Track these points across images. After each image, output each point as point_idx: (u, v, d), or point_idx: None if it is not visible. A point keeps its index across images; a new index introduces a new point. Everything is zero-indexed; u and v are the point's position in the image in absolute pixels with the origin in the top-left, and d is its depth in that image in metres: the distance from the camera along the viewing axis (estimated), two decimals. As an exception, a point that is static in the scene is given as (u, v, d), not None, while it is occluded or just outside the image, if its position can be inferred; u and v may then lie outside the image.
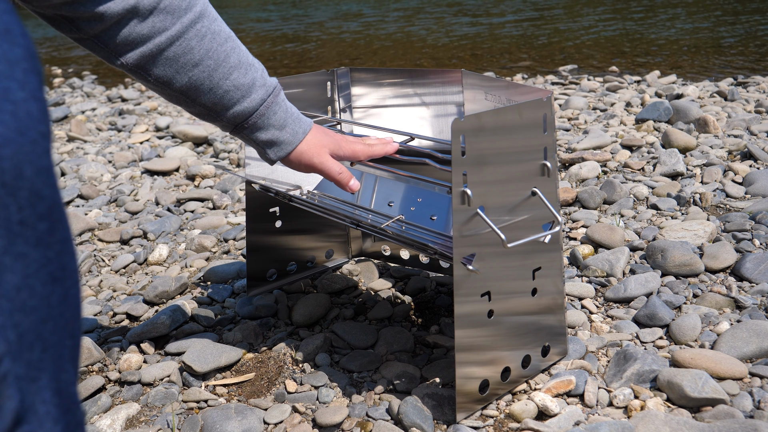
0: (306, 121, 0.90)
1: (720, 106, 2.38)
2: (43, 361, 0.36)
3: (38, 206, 0.35)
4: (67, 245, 0.38)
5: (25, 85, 0.35)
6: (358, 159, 0.94)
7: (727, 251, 1.20)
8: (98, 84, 4.18)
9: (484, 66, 3.89)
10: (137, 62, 0.79)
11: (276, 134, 0.87)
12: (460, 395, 0.83)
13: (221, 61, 0.81)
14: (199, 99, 0.83)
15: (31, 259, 0.35)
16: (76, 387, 0.40)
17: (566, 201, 1.54)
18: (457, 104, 1.08)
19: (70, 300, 0.38)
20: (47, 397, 0.37)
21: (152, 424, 0.91)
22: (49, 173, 0.36)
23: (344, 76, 1.16)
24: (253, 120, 0.85)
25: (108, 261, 1.45)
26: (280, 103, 0.87)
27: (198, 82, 0.81)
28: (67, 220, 0.38)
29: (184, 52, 0.79)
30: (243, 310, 1.15)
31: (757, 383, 0.88)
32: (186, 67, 0.80)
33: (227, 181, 1.87)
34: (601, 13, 5.77)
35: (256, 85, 0.84)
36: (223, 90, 0.82)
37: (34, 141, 0.35)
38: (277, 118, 0.86)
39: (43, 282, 0.36)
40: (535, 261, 0.87)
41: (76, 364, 0.40)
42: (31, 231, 0.35)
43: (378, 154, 0.95)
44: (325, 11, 7.38)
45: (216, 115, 0.85)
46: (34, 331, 0.36)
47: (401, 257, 1.25)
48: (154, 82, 0.81)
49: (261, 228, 1.15)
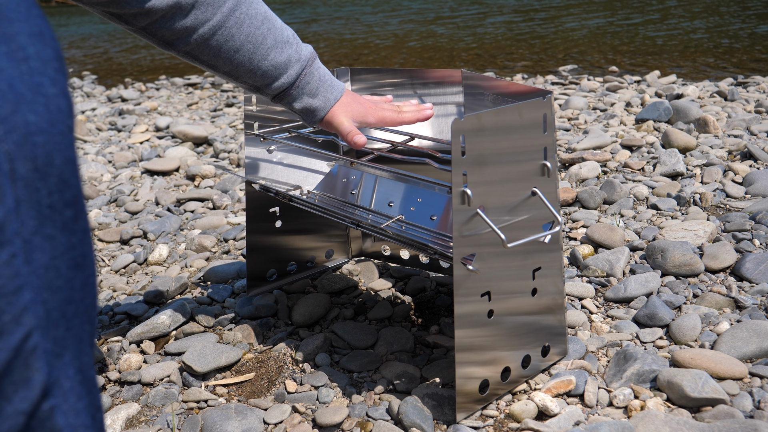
0: (338, 87, 0.95)
1: (720, 106, 2.38)
2: (66, 340, 0.38)
3: (65, 193, 0.38)
4: (87, 235, 0.41)
5: (56, 82, 0.38)
6: (387, 125, 0.98)
7: (727, 251, 1.20)
8: (98, 84, 4.18)
9: (484, 66, 3.88)
10: (185, 50, 0.86)
11: (309, 102, 0.93)
12: (460, 395, 0.83)
13: (259, 44, 0.88)
14: (241, 77, 0.91)
15: (58, 242, 0.38)
16: (95, 372, 0.42)
17: (566, 201, 1.54)
18: (457, 104, 1.08)
19: (89, 287, 0.41)
20: (71, 374, 0.39)
21: (152, 424, 0.91)
22: (74, 164, 0.39)
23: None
24: (290, 91, 0.93)
25: (108, 261, 1.46)
26: (314, 72, 0.93)
27: (240, 64, 0.89)
28: (87, 212, 0.41)
29: (225, 39, 0.86)
30: (243, 310, 1.15)
31: (757, 383, 0.88)
32: (229, 52, 0.87)
33: (227, 181, 1.87)
34: (601, 13, 5.77)
35: (291, 61, 0.91)
36: (262, 70, 0.90)
37: (63, 133, 0.38)
38: (310, 87, 0.93)
39: (67, 265, 0.39)
40: (535, 261, 0.87)
41: (93, 351, 0.42)
42: (59, 216, 0.38)
43: (409, 121, 0.98)
44: (325, 11, 7.38)
45: (257, 89, 0.93)
46: (59, 310, 0.38)
47: (401, 257, 1.25)
48: (202, 65, 0.89)
49: (261, 228, 1.15)
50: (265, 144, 1.13)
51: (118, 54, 5.90)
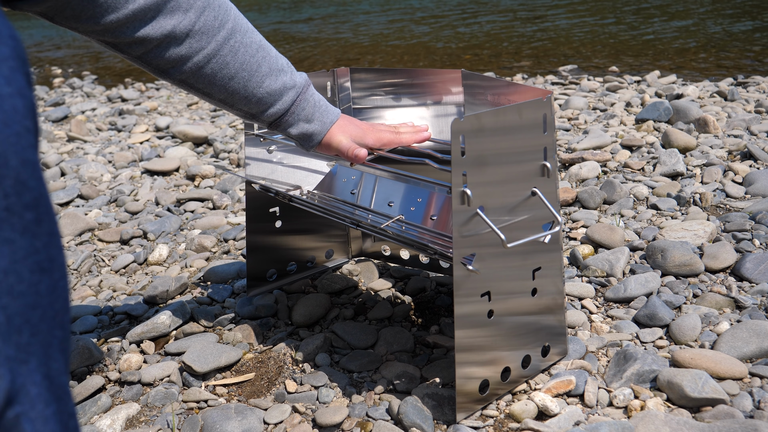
0: (333, 111, 0.96)
1: (720, 106, 2.38)
2: (32, 345, 0.37)
3: (24, 196, 0.37)
4: (54, 238, 0.39)
5: (11, 81, 0.37)
6: (386, 147, 0.98)
7: (727, 251, 1.20)
8: (98, 84, 4.18)
9: (484, 66, 3.89)
10: (180, 78, 0.87)
11: (305, 127, 0.94)
12: (460, 395, 0.83)
13: (254, 72, 0.89)
14: (236, 105, 0.91)
15: (18, 246, 0.37)
16: (67, 378, 0.41)
17: (566, 201, 1.54)
18: (457, 104, 1.08)
19: (59, 292, 0.40)
20: (38, 380, 0.37)
21: (152, 424, 0.91)
22: (35, 167, 0.38)
23: (344, 76, 1.16)
24: (285, 118, 0.93)
25: (108, 261, 1.46)
26: (308, 99, 0.94)
27: (234, 92, 0.89)
28: (55, 215, 0.40)
29: (220, 67, 0.86)
30: (243, 310, 1.15)
31: (757, 383, 0.88)
32: (223, 80, 0.88)
33: (227, 181, 1.87)
34: (601, 13, 5.78)
35: (286, 88, 0.91)
36: (257, 97, 0.90)
37: (19, 134, 0.36)
38: (306, 113, 0.93)
39: (30, 270, 0.37)
40: (535, 261, 0.87)
41: (66, 356, 0.41)
42: (18, 219, 0.36)
43: (407, 142, 0.98)
44: (325, 11, 7.39)
45: (252, 117, 0.93)
46: (22, 315, 0.37)
47: (401, 257, 1.25)
48: (197, 93, 0.90)
49: (261, 228, 1.15)
50: (265, 144, 1.13)
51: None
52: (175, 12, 0.81)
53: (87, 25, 0.79)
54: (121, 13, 0.78)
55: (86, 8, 0.77)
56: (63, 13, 0.78)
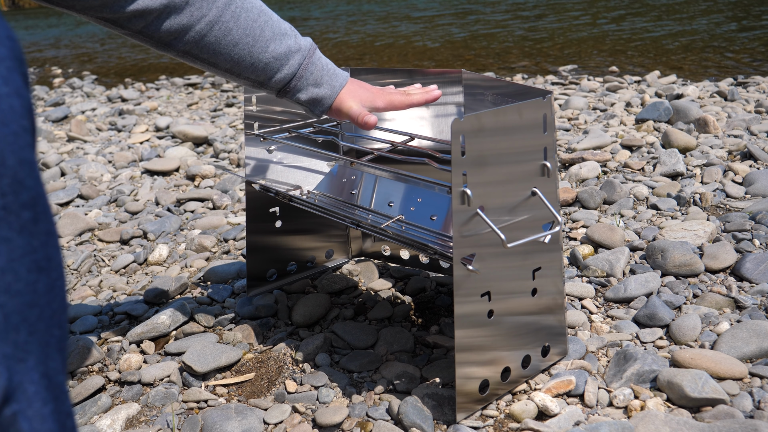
0: (342, 75, 0.95)
1: (720, 106, 2.38)
2: (29, 344, 0.37)
3: (21, 195, 0.37)
4: (51, 238, 0.39)
5: (8, 81, 0.37)
6: (396, 109, 0.97)
7: (727, 251, 1.20)
8: (98, 84, 4.18)
9: (484, 66, 3.88)
10: (183, 49, 0.85)
11: (314, 92, 0.93)
12: (460, 395, 0.83)
13: (258, 37, 0.88)
14: (243, 73, 0.90)
15: (15, 245, 0.37)
16: (65, 378, 0.41)
17: (566, 201, 1.54)
18: (457, 104, 1.08)
19: (56, 291, 0.40)
20: (36, 379, 0.38)
21: (152, 424, 0.91)
22: (32, 166, 0.38)
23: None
24: (294, 83, 0.92)
25: (108, 261, 1.46)
26: (316, 62, 0.92)
27: (240, 59, 0.88)
28: (52, 215, 0.40)
29: (223, 34, 0.85)
30: (243, 310, 1.15)
31: (757, 383, 0.88)
32: (227, 47, 0.87)
33: (227, 181, 1.87)
34: (600, 13, 5.77)
35: (291, 51, 0.90)
36: (263, 63, 0.89)
37: (16, 133, 0.37)
38: (314, 77, 0.92)
39: (28, 268, 0.37)
40: (535, 261, 0.87)
41: (63, 355, 0.41)
42: (15, 217, 0.37)
43: (418, 102, 0.97)
44: (325, 11, 7.38)
45: (260, 85, 0.92)
46: (19, 314, 0.37)
47: (401, 257, 1.25)
48: (202, 64, 0.88)
49: (261, 228, 1.15)
50: (265, 144, 1.13)
51: (118, 54, 5.90)
52: None
53: (85, 1, 0.79)
54: None
55: None
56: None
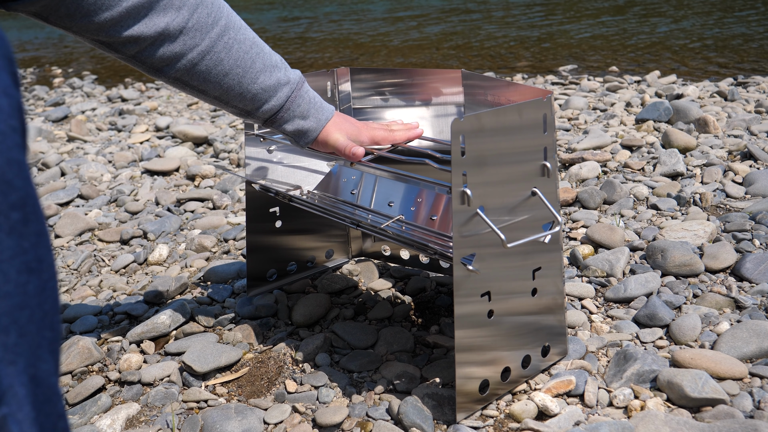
0: (328, 109, 0.97)
1: (720, 106, 2.38)
2: (19, 346, 0.37)
3: (10, 195, 0.36)
4: (42, 238, 0.39)
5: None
6: (379, 145, 0.99)
7: (727, 251, 1.20)
8: (98, 84, 4.18)
9: (484, 66, 3.89)
10: (174, 76, 0.87)
11: (300, 124, 0.95)
12: (460, 395, 0.83)
13: (248, 68, 0.89)
14: (231, 102, 0.91)
15: (3, 246, 0.36)
16: (57, 379, 0.40)
17: (566, 201, 1.54)
18: (457, 104, 1.08)
19: (48, 292, 0.39)
20: (26, 381, 0.37)
21: (152, 424, 0.91)
22: (21, 166, 0.37)
23: (344, 76, 1.16)
24: (281, 114, 0.93)
25: (108, 261, 1.46)
26: (303, 95, 0.94)
27: (229, 88, 0.90)
28: (43, 215, 0.39)
29: (215, 64, 0.87)
30: (243, 310, 1.15)
31: (757, 383, 0.88)
32: (218, 77, 0.88)
33: (227, 181, 1.87)
34: (601, 13, 5.78)
35: (280, 84, 0.92)
36: (252, 93, 0.91)
37: (4, 132, 0.36)
38: (301, 110, 0.94)
39: (18, 270, 0.37)
40: (535, 261, 0.87)
41: (56, 357, 0.40)
42: (3, 218, 0.36)
43: (400, 139, 1.00)
44: (324, 11, 7.39)
45: (247, 114, 0.94)
46: (9, 316, 0.36)
47: (401, 257, 1.25)
48: (191, 91, 0.90)
49: (261, 228, 1.15)
50: (265, 144, 1.13)
51: (118, 54, 5.87)
52: (168, 9, 0.82)
53: (81, 23, 0.80)
54: (115, 11, 0.79)
55: (80, 6, 0.78)
56: (57, 12, 0.78)
